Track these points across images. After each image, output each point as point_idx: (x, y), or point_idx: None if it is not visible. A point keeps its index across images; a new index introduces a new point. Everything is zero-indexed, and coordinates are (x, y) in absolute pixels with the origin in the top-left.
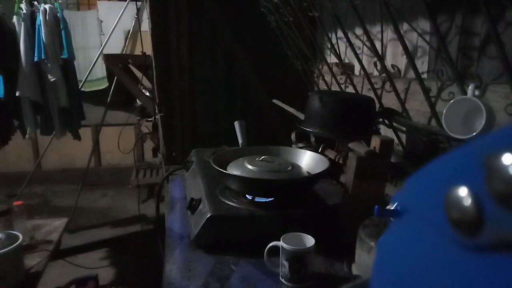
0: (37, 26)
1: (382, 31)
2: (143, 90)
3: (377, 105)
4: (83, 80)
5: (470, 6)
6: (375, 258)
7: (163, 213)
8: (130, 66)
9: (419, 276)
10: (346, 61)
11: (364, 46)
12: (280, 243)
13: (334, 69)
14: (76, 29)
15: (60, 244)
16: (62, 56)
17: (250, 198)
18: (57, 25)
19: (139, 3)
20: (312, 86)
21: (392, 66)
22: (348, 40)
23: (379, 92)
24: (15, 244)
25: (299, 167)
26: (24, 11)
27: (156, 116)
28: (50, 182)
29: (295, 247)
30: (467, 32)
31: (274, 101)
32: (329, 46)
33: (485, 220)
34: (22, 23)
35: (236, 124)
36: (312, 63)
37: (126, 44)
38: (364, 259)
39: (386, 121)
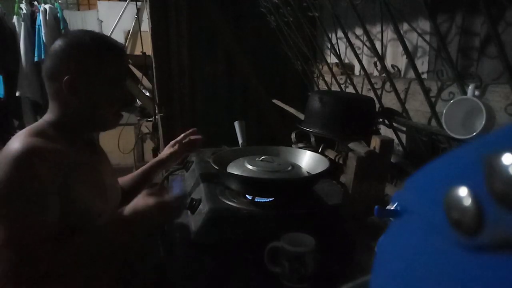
0: (37, 26)
1: (382, 31)
2: (143, 90)
3: (377, 105)
4: None
5: (470, 6)
6: (375, 258)
7: None
8: (130, 66)
9: (419, 276)
10: (346, 61)
11: (364, 46)
12: (280, 244)
13: (334, 69)
14: None
15: None
16: None
17: (250, 198)
18: (57, 25)
19: (139, 3)
20: (312, 86)
21: (392, 66)
22: (348, 40)
23: (379, 92)
24: None
25: (299, 167)
26: (24, 11)
27: (156, 116)
28: None
29: (295, 247)
30: (467, 32)
31: (274, 101)
32: (329, 46)
33: (485, 220)
34: (22, 23)
35: (236, 124)
36: (312, 63)
37: (126, 44)
38: (364, 259)
39: (386, 121)
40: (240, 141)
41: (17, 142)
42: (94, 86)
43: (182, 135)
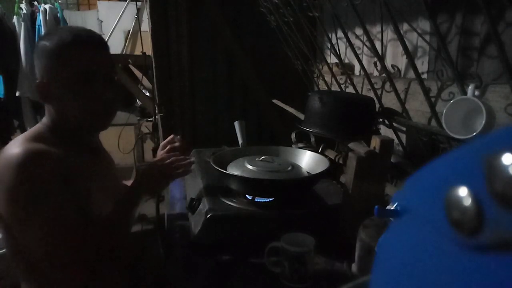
0: (37, 26)
1: (382, 31)
2: (143, 90)
3: (377, 105)
4: None
5: (470, 6)
6: (375, 258)
7: (163, 213)
8: (130, 66)
9: (419, 276)
10: (346, 61)
11: (364, 46)
12: (280, 244)
13: (334, 69)
14: None
15: None
16: None
17: (250, 198)
18: (57, 25)
19: (139, 3)
20: (312, 86)
21: (392, 66)
22: (348, 40)
23: (379, 92)
24: None
25: (299, 167)
26: (24, 11)
27: (156, 116)
28: None
29: (296, 247)
30: (467, 32)
31: (274, 101)
32: (329, 46)
33: (485, 220)
34: (22, 23)
35: (236, 124)
36: (312, 63)
37: (126, 44)
38: (364, 259)
39: (386, 121)
40: (240, 141)
41: (15, 148)
42: (61, 87)
43: (165, 141)
